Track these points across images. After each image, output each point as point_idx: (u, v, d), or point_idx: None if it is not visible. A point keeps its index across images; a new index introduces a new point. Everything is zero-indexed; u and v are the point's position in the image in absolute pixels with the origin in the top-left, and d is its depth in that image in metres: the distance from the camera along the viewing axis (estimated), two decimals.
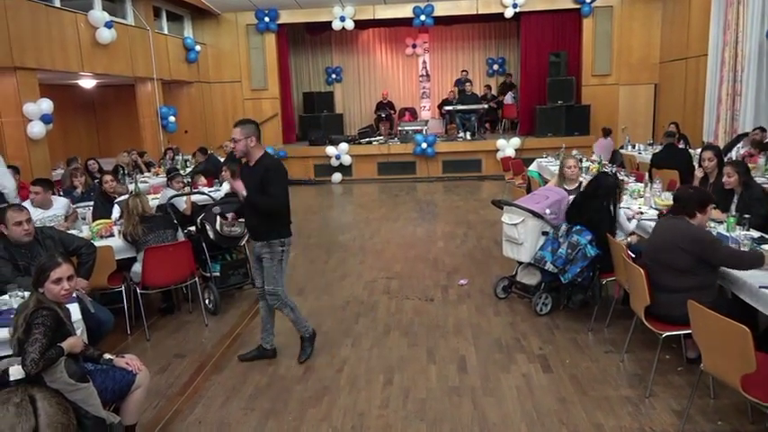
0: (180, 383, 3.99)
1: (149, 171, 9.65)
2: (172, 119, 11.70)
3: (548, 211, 4.74)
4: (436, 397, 3.65)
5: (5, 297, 3.41)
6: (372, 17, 13.41)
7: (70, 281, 2.79)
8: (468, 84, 13.62)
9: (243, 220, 5.50)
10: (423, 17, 13.11)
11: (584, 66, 13.01)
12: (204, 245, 5.27)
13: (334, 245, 7.64)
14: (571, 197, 4.90)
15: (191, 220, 5.80)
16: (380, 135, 14.11)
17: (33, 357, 2.49)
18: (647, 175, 6.42)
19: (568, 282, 4.53)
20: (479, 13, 13.20)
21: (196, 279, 5.08)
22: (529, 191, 6.68)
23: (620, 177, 5.64)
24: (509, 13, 12.89)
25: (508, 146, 12.35)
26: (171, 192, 6.33)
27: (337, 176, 13.15)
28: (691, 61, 10.94)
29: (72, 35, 8.83)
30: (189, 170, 9.04)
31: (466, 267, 6.29)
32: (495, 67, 16.04)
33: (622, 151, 9.95)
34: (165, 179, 7.54)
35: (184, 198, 6.17)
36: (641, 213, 4.98)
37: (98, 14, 9.25)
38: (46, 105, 8.11)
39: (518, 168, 9.68)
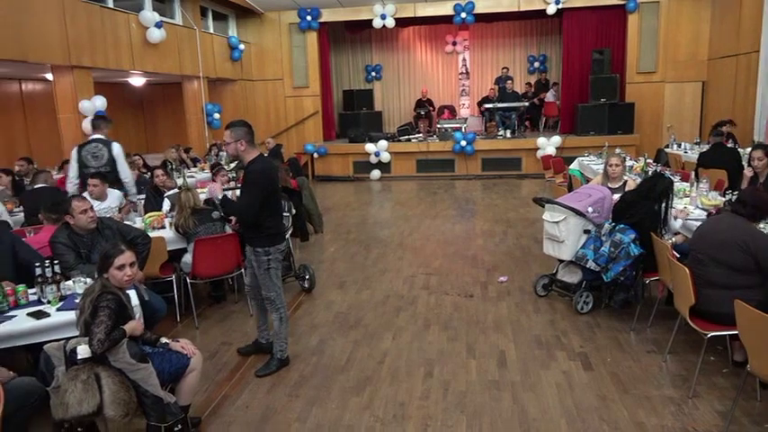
0: (227, 369, 4.15)
1: (195, 166, 9.95)
2: (216, 116, 12.02)
3: (590, 209, 4.73)
4: (476, 390, 3.70)
5: (70, 283, 3.62)
6: (413, 15, 13.46)
7: (132, 267, 2.96)
8: (508, 81, 13.54)
9: (286, 213, 5.67)
10: (463, 14, 13.09)
11: (628, 63, 12.76)
12: None
13: (373, 240, 7.75)
14: (615, 196, 4.87)
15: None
16: (419, 133, 14.15)
17: (99, 338, 2.66)
18: (693, 174, 6.30)
19: (610, 280, 4.51)
20: (521, 9, 13.10)
21: (242, 270, 5.24)
22: (570, 189, 6.64)
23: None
24: (551, 9, 12.74)
25: (549, 144, 12.23)
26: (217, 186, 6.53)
27: (376, 173, 13.27)
28: (741, 58, 10.61)
29: (124, 35, 9.18)
30: (233, 166, 9.29)
31: (505, 265, 6.30)
32: (536, 64, 15.87)
33: (667, 150, 9.74)
34: (210, 174, 7.80)
35: (230, 192, 6.34)
36: (686, 213, 4.90)
37: (149, 15, 9.58)
38: (99, 102, 8.47)
39: (559, 167, 9.60)
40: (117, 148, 6.28)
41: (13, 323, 3.24)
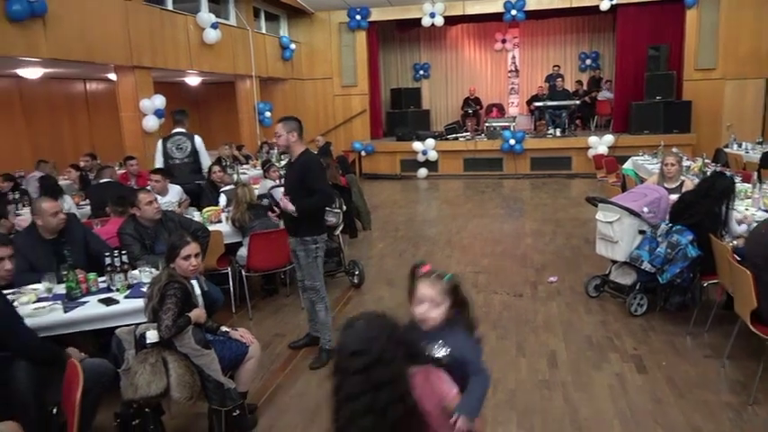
0: (281, 360, 4.28)
1: (247, 163, 10.22)
2: (267, 114, 12.30)
3: (646, 209, 4.63)
4: (526, 389, 3.70)
5: (136, 272, 3.82)
6: (462, 13, 13.40)
7: (197, 258, 3.11)
8: (559, 79, 13.31)
9: (338, 210, 5.78)
10: (514, 12, 12.95)
11: (685, 59, 12.34)
12: None
13: (421, 238, 7.79)
14: (672, 196, 4.75)
15: None
16: (467, 131, 14.09)
17: (167, 324, 2.81)
18: (755, 174, 6.07)
19: (666, 282, 4.41)
20: (573, 6, 12.85)
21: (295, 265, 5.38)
22: (624, 189, 6.51)
23: None
24: (605, 5, 12.45)
25: (600, 143, 11.96)
26: (270, 182, 6.73)
27: (423, 172, 13.29)
28: None
29: (182, 36, 9.51)
30: (284, 163, 9.50)
31: (555, 265, 6.23)
32: (588, 61, 15.53)
33: (727, 150, 9.38)
34: (262, 171, 8.01)
35: (281, 189, 6.52)
36: (751, 220, 4.71)
37: (205, 16, 9.90)
38: (159, 101, 8.81)
39: (611, 166, 9.39)
40: (199, 141, 6.73)
41: (86, 308, 3.44)
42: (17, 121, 9.98)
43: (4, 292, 3.07)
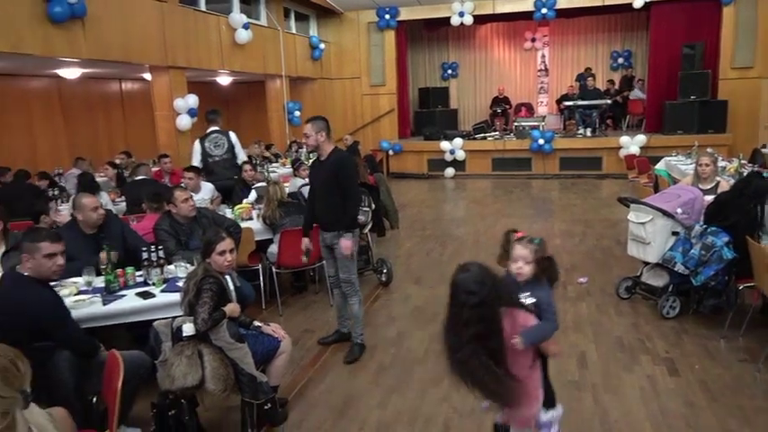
0: (311, 356, 4.34)
1: (276, 162, 10.35)
2: (297, 113, 12.42)
3: (679, 210, 4.56)
4: (555, 389, 3.66)
5: (172, 267, 3.92)
6: (492, 12, 13.32)
7: (231, 254, 3.18)
8: (589, 78, 13.14)
9: (366, 209, 5.82)
10: (544, 10, 12.81)
11: (721, 58, 12.04)
12: None
13: (449, 237, 7.79)
14: (707, 197, 4.67)
15: None
16: (495, 131, 14.01)
17: (203, 317, 2.89)
18: None
19: (700, 285, 4.34)
20: (605, 4, 12.66)
21: (324, 262, 5.43)
22: (656, 190, 6.40)
23: None
24: (638, 3, 12.22)
25: (632, 143, 11.77)
26: (299, 181, 6.81)
27: (450, 171, 13.26)
28: None
29: (215, 36, 9.68)
30: (312, 161, 9.59)
31: (585, 266, 6.17)
32: (620, 60, 15.27)
33: (765, 150, 9.13)
34: (292, 169, 8.10)
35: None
36: None
37: (237, 17, 10.04)
38: (192, 100, 8.99)
39: (643, 167, 9.23)
40: (234, 136, 6.97)
41: (124, 301, 3.56)
42: (56, 119, 10.29)
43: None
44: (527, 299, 2.54)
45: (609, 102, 13.23)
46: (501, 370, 2.28)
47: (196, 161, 6.87)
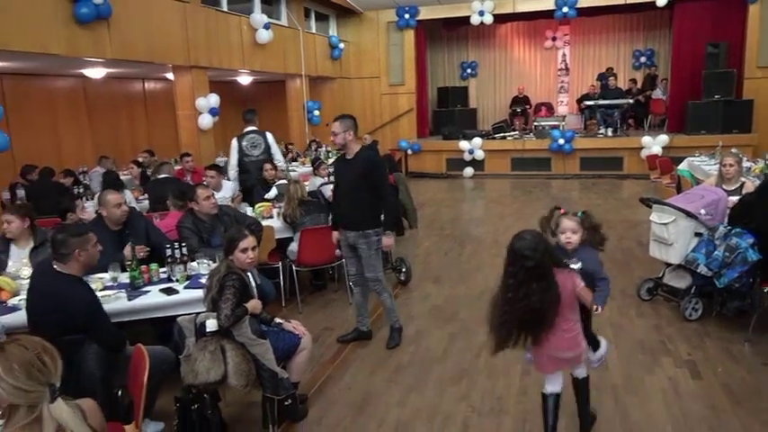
0: (330, 353, 4.38)
1: (296, 161, 10.41)
2: (316, 113, 12.49)
3: (703, 211, 4.50)
4: None
5: (194, 264, 3.98)
6: (512, 11, 13.25)
7: (254, 251, 3.22)
8: (611, 78, 13.00)
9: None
10: (565, 9, 12.70)
11: (747, 57, 11.82)
12: None
13: (467, 237, 7.77)
14: (731, 198, 4.60)
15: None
16: (515, 130, 13.94)
17: (226, 313, 2.94)
18: None
19: (724, 287, 4.27)
20: (627, 2, 12.52)
21: (343, 261, 5.46)
22: (679, 191, 6.33)
23: None
24: (661, 1, 12.05)
25: (654, 143, 11.62)
26: (319, 180, 6.86)
27: (469, 171, 13.22)
28: None
29: (236, 36, 9.78)
30: (331, 161, 9.64)
31: (605, 267, 6.06)
32: (643, 59, 15.08)
33: None
34: (311, 168, 8.15)
35: (330, 186, 6.63)
36: None
37: (258, 17, 10.14)
38: (213, 100, 9.10)
39: (666, 167, 9.11)
40: (271, 137, 7.04)
41: (148, 297, 3.62)
42: (81, 118, 10.48)
43: None
44: (575, 264, 2.92)
45: (630, 101, 13.07)
46: (551, 319, 2.74)
47: (233, 159, 6.95)
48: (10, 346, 1.70)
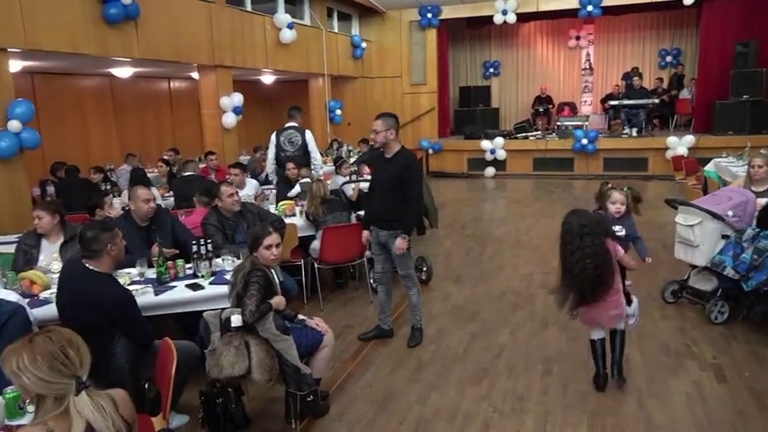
0: (351, 351, 4.41)
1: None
2: (338, 112, 12.56)
3: (730, 212, 4.43)
4: (598, 392, 3.64)
5: (219, 260, 4.05)
6: (535, 9, 13.15)
7: (278, 248, 3.26)
8: (636, 78, 12.82)
9: None
10: (590, 8, 12.56)
11: None
12: None
13: (488, 237, 7.75)
14: (760, 200, 4.52)
15: (357, 205, 6.28)
16: (537, 130, 13.84)
17: (251, 309, 2.98)
18: None
19: (751, 290, 4.21)
20: (654, 1, 12.34)
21: (364, 259, 5.51)
22: (705, 192, 6.23)
23: None
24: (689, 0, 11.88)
25: (680, 144, 11.44)
26: (341, 178, 6.90)
27: (490, 171, 13.17)
28: None
29: (260, 36, 9.88)
30: (353, 159, 9.69)
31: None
32: (669, 58, 14.85)
33: None
34: (333, 167, 8.20)
35: (352, 185, 6.68)
36: None
37: (282, 17, 10.23)
38: (237, 99, 9.20)
39: (692, 168, 8.96)
40: (309, 135, 6.95)
41: (174, 293, 3.69)
42: (108, 117, 10.68)
43: None
44: (620, 231, 3.68)
45: (656, 101, 12.88)
46: (606, 283, 3.29)
47: (271, 153, 7.02)
48: (38, 337, 1.73)
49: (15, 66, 7.19)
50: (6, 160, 5.79)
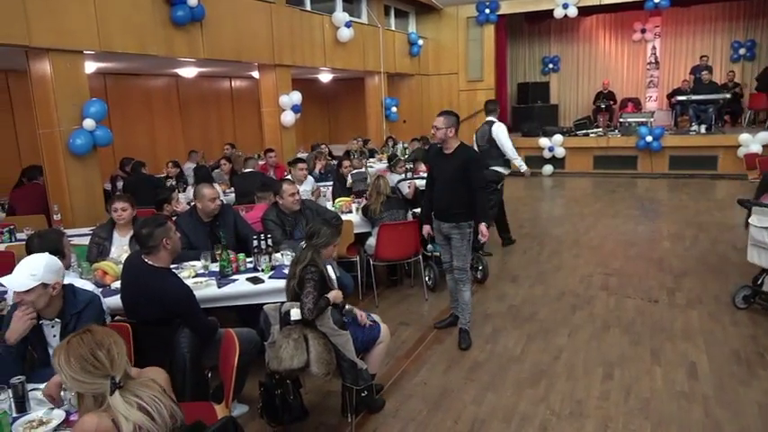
0: (405, 348, 4.42)
1: (373, 157, 10.55)
2: (394, 109, 12.59)
3: None
4: (662, 399, 3.51)
5: (278, 255, 4.14)
6: (598, 3, 12.76)
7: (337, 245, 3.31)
8: (704, 72, 12.20)
9: None
10: None
11: None
12: None
13: (546, 237, 7.59)
14: None
15: (413, 202, 6.27)
16: (598, 127, 13.42)
17: (309, 307, 3.04)
18: None
19: None
20: None
21: (420, 257, 5.50)
22: None
23: None
24: None
25: (753, 141, 10.82)
26: (396, 176, 6.91)
27: (548, 168, 12.87)
28: None
29: (318, 35, 10.03)
30: (407, 157, 9.68)
31: (697, 271, 5.79)
32: (742, 51, 14.07)
33: None
34: (388, 164, 8.23)
35: (408, 183, 6.68)
36: None
37: (340, 16, 10.34)
38: (296, 97, 9.38)
39: (766, 166, 8.47)
40: (497, 129, 6.77)
41: (236, 285, 3.80)
42: (174, 115, 11.13)
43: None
44: None
45: (727, 96, 12.23)
46: None
47: (474, 146, 6.86)
48: (74, 338, 1.79)
49: (90, 67, 7.58)
50: (81, 157, 6.12)
